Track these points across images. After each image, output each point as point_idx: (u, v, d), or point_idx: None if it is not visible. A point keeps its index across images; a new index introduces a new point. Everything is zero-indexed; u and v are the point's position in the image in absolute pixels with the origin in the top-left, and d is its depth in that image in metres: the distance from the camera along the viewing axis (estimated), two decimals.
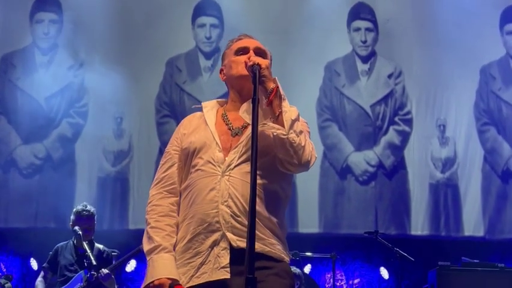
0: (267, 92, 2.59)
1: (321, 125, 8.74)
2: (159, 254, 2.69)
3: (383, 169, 8.67)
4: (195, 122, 2.88)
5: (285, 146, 2.58)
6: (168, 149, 2.88)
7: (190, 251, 2.68)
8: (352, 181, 8.66)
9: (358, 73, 8.91)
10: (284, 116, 2.57)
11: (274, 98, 2.59)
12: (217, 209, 2.63)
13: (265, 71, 2.60)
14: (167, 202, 2.78)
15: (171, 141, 2.90)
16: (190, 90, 8.84)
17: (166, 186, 2.80)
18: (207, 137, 2.76)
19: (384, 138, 8.75)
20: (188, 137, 2.81)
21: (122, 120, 8.79)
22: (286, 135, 2.56)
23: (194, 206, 2.69)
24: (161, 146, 8.67)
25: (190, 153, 2.76)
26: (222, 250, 2.61)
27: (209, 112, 2.87)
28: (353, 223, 8.49)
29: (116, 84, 8.45)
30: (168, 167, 2.83)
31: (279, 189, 2.74)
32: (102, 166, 8.67)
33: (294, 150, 2.58)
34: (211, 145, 2.73)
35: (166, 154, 2.88)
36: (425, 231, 8.52)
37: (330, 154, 8.65)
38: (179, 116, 8.74)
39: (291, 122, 2.56)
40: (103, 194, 8.51)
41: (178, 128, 2.92)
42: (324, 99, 8.82)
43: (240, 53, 2.87)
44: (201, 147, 2.74)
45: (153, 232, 2.74)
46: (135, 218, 8.48)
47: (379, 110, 8.79)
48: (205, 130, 2.79)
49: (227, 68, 2.90)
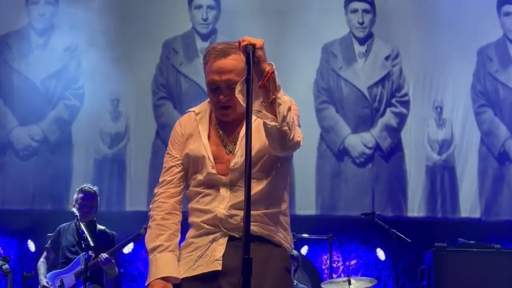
0: (262, 74, 2.53)
1: (318, 107, 8.72)
2: (162, 253, 2.76)
3: (380, 151, 8.68)
4: (190, 125, 2.88)
5: (276, 136, 2.59)
6: (172, 152, 2.89)
7: (191, 246, 2.78)
8: (349, 163, 8.67)
9: (355, 55, 8.88)
10: (278, 108, 2.54)
11: (268, 81, 2.53)
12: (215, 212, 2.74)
13: (259, 51, 2.51)
14: (173, 201, 2.83)
15: (173, 143, 2.90)
16: (186, 72, 8.81)
17: (173, 188, 2.84)
18: (200, 151, 2.79)
19: (381, 120, 8.74)
20: (186, 143, 2.85)
21: (119, 102, 8.76)
22: (280, 127, 2.55)
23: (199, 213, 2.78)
24: (158, 128, 8.69)
25: (190, 161, 2.81)
26: (219, 246, 2.71)
27: (202, 119, 2.87)
28: (350, 205, 8.51)
29: (112, 66, 8.42)
30: (175, 172, 2.85)
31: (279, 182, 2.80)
32: (99, 148, 8.66)
33: (284, 141, 2.60)
34: (204, 159, 2.77)
35: (171, 158, 2.88)
36: (421, 213, 8.54)
37: (327, 136, 8.65)
38: (175, 98, 8.78)
39: (284, 116, 2.55)
40: (99, 175, 8.50)
41: (176, 130, 2.92)
42: (321, 81, 8.80)
43: (212, 87, 2.78)
44: (195, 159, 2.79)
45: (159, 230, 2.79)
46: (132, 199, 8.49)
47: (376, 92, 8.77)
48: (198, 142, 2.81)
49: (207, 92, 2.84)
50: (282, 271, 2.73)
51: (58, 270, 5.99)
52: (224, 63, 2.73)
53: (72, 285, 5.89)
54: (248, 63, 2.47)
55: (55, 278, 5.96)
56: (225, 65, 2.73)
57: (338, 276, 8.08)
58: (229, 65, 2.73)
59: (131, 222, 6.54)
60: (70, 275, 5.91)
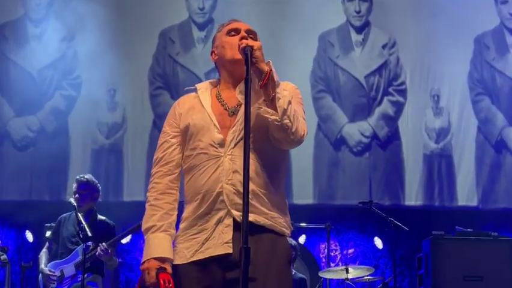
0: (261, 74, 2.63)
1: (315, 96, 8.72)
2: (155, 233, 2.79)
3: (377, 140, 8.69)
4: (189, 102, 2.93)
5: (278, 130, 2.66)
6: (165, 129, 2.94)
7: (195, 228, 2.77)
8: (346, 152, 8.68)
9: (352, 44, 8.88)
10: (278, 103, 2.63)
11: (267, 80, 2.62)
12: (222, 188, 2.71)
13: (257, 52, 2.63)
14: (167, 180, 2.85)
15: (167, 120, 2.95)
16: (183, 61, 8.81)
17: (165, 165, 2.86)
18: (204, 119, 2.82)
19: (379, 109, 8.74)
20: (185, 118, 2.88)
21: (116, 92, 8.75)
22: (280, 121, 2.63)
23: (199, 187, 2.76)
24: (155, 118, 8.69)
25: (189, 134, 2.83)
26: (225, 227, 2.70)
27: (204, 94, 2.92)
28: (347, 194, 8.52)
29: (108, 56, 8.41)
30: (167, 147, 2.89)
31: (276, 163, 2.83)
32: (96, 138, 8.66)
33: (287, 134, 2.67)
34: (210, 127, 2.80)
35: (163, 134, 2.94)
36: (419, 201, 8.56)
37: (325, 125, 8.65)
38: (172, 88, 8.76)
39: (284, 109, 2.63)
40: (97, 166, 8.50)
41: (173, 108, 2.97)
42: (318, 70, 8.80)
43: (231, 33, 2.90)
44: (199, 129, 2.81)
45: (152, 210, 2.83)
46: (130, 189, 8.50)
47: (373, 81, 8.78)
48: (202, 112, 2.85)
49: (219, 48, 2.93)
50: (285, 263, 2.76)
51: (58, 260, 5.97)
52: (244, 24, 2.94)
53: (72, 275, 5.88)
54: (247, 63, 2.58)
55: (55, 268, 5.95)
56: (245, 24, 2.94)
57: (336, 265, 8.08)
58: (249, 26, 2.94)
59: (129, 213, 6.54)
60: (70, 265, 5.90)
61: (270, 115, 2.64)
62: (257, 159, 2.74)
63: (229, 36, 2.90)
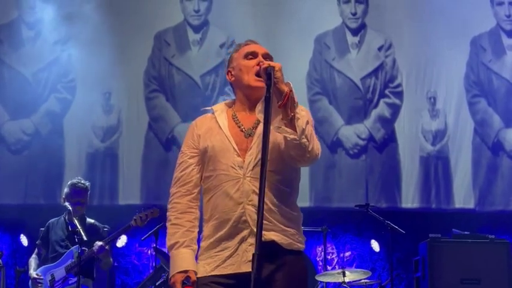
0: (281, 95, 2.74)
1: (311, 98, 8.72)
2: (178, 249, 2.92)
3: (374, 142, 8.68)
4: (207, 123, 3.07)
5: (296, 149, 2.80)
6: (183, 149, 3.08)
7: (218, 247, 2.90)
8: (342, 155, 8.67)
9: (348, 46, 8.87)
10: (297, 122, 2.76)
11: (287, 101, 2.74)
12: (244, 208, 2.86)
13: (278, 73, 2.75)
14: (186, 200, 3.00)
15: (186, 141, 3.08)
16: (178, 64, 8.79)
17: (184, 185, 3.01)
18: (223, 141, 2.96)
19: (375, 111, 8.74)
20: (203, 139, 3.02)
21: (111, 95, 8.74)
22: (299, 140, 2.76)
23: (220, 208, 2.90)
24: (151, 121, 8.68)
25: (208, 156, 2.97)
26: (249, 246, 2.83)
27: (220, 116, 3.05)
28: (344, 196, 8.51)
29: (103, 59, 8.40)
30: (185, 167, 3.03)
31: (291, 180, 2.99)
32: (91, 142, 8.64)
33: (303, 152, 2.80)
34: (229, 149, 2.94)
35: (182, 154, 3.07)
36: (415, 204, 8.55)
37: (321, 128, 8.62)
38: (168, 91, 8.75)
39: (303, 129, 2.76)
40: (92, 169, 8.49)
41: (191, 129, 3.10)
42: (314, 73, 8.79)
43: (249, 57, 3.05)
44: (218, 151, 2.95)
45: (173, 228, 2.97)
46: (125, 193, 8.49)
47: (369, 83, 8.77)
48: (220, 134, 2.99)
49: (236, 70, 3.07)
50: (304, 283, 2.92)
51: (49, 264, 5.98)
52: (262, 47, 3.12)
53: (62, 278, 5.88)
54: (268, 82, 2.72)
55: (46, 273, 5.95)
56: (263, 47, 3.11)
57: (333, 268, 8.11)
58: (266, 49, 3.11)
59: (124, 216, 6.52)
60: (61, 268, 5.90)
61: (289, 134, 2.76)
62: (273, 178, 2.87)
63: (247, 59, 3.04)
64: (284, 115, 2.78)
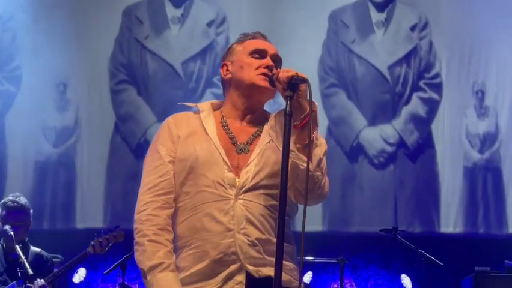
0: (301, 114, 2.81)
1: (325, 92, 8.73)
2: (164, 272, 2.89)
3: (405, 148, 8.68)
4: (188, 123, 3.08)
5: (307, 181, 2.78)
6: (159, 149, 3.05)
7: (197, 283, 2.91)
8: (365, 164, 8.68)
9: (372, 25, 8.88)
10: (315, 150, 2.84)
11: (307, 122, 2.81)
12: (234, 238, 2.88)
13: (303, 86, 2.80)
14: (165, 214, 2.99)
15: (162, 140, 3.07)
16: (154, 47, 8.81)
17: (163, 195, 3.00)
18: (211, 152, 2.97)
19: (406, 109, 8.74)
20: (185, 144, 3.02)
21: (66, 87, 8.77)
22: (313, 172, 2.83)
23: (202, 234, 2.91)
24: (118, 121, 8.73)
25: (189, 166, 2.97)
26: (237, 284, 2.87)
27: (207, 118, 3.08)
28: (366, 218, 8.54)
29: (57, 41, 8.44)
30: (164, 172, 3.02)
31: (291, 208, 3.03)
32: (40, 147, 8.68)
33: (313, 187, 2.85)
34: (217, 162, 2.96)
35: (157, 155, 3.05)
36: (458, 228, 8.54)
37: (337, 130, 8.65)
38: (140, 82, 8.79)
39: (319, 160, 2.85)
40: (41, 182, 8.54)
41: (167, 126, 3.10)
42: (328, 59, 8.80)
43: (255, 55, 3.08)
44: (203, 162, 2.96)
45: (154, 246, 2.92)
46: (84, 214, 8.52)
47: (399, 72, 8.77)
48: (207, 142, 3.00)
49: (236, 67, 3.09)
50: None
51: None
52: (271, 45, 3.15)
53: None
54: (290, 95, 2.78)
55: None
56: (272, 45, 3.15)
57: None
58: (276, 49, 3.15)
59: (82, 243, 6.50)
60: None
61: (302, 162, 2.80)
62: (270, 206, 2.93)
63: (252, 57, 3.07)
64: (299, 139, 2.82)
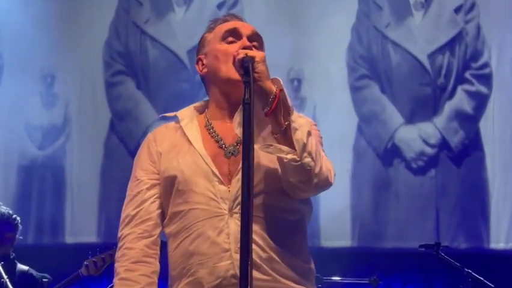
0: (268, 97, 2.78)
1: (355, 84, 8.69)
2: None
3: (448, 150, 8.67)
4: (169, 137, 3.11)
5: (297, 173, 2.81)
6: (138, 175, 3.10)
7: None
8: (401, 169, 8.67)
9: (409, 6, 8.88)
10: (295, 135, 2.77)
11: (277, 105, 2.78)
12: (231, 259, 2.86)
13: (260, 65, 2.77)
14: (142, 244, 3.01)
15: (140, 162, 3.12)
16: (155, 33, 8.86)
17: (140, 224, 3.03)
18: (197, 163, 2.98)
19: (450, 104, 8.73)
20: (167, 160, 3.04)
21: (54, 79, 8.85)
22: (300, 160, 2.77)
23: (196, 258, 2.91)
24: (113, 119, 8.78)
25: (175, 184, 2.99)
26: None
27: (189, 125, 3.09)
28: (403, 232, 8.53)
29: (44, 27, 8.51)
30: (141, 200, 3.05)
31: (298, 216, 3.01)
32: (25, 148, 8.75)
33: (308, 177, 2.82)
34: (206, 174, 2.96)
35: (136, 182, 3.10)
36: (511, 244, 8.52)
37: (369, 128, 8.67)
38: (139, 72, 8.84)
39: (304, 144, 2.77)
40: (26, 190, 8.61)
41: (147, 145, 3.13)
42: (358, 46, 8.81)
43: (229, 39, 3.08)
44: (190, 176, 2.96)
45: (122, 286, 2.96)
46: (74, 226, 8.58)
47: (441, 62, 8.77)
48: (191, 152, 3.01)
49: (210, 58, 3.11)
50: None
51: None
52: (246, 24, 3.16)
53: None
54: (247, 81, 2.69)
55: None
56: (248, 24, 3.16)
57: None
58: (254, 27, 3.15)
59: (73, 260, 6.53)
60: None
61: (285, 154, 2.77)
62: (271, 214, 2.92)
63: (226, 42, 3.07)
64: (275, 126, 2.80)
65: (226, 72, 3.00)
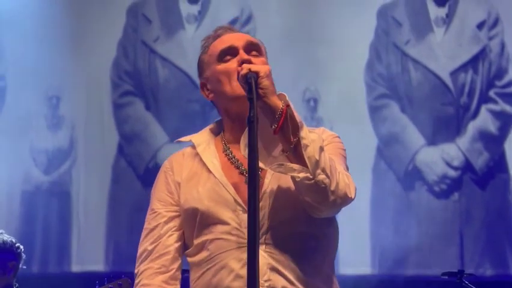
0: (274, 114, 2.75)
1: (373, 104, 8.71)
2: None
3: (472, 173, 8.67)
4: (187, 164, 3.11)
5: (312, 191, 2.79)
6: (155, 207, 3.11)
7: None
8: (423, 192, 8.66)
9: (430, 21, 8.89)
10: (305, 152, 2.73)
11: (284, 121, 2.74)
12: None
13: (265, 80, 2.74)
14: (160, 280, 3.02)
15: (158, 193, 3.12)
16: (165, 52, 8.87)
17: (158, 259, 3.04)
18: (220, 193, 2.97)
19: (474, 124, 8.73)
20: (187, 190, 3.04)
21: (60, 100, 8.87)
22: (314, 178, 2.75)
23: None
24: (122, 141, 8.77)
25: (196, 214, 2.99)
26: None
27: (206, 151, 3.09)
28: (425, 259, 8.51)
29: (49, 46, 8.53)
30: (159, 235, 3.07)
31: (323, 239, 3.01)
32: (29, 173, 8.75)
33: (324, 195, 2.79)
34: (229, 203, 2.95)
35: (153, 215, 3.11)
36: None
37: (388, 150, 8.67)
38: (148, 93, 8.84)
39: (316, 161, 2.74)
40: (30, 217, 8.59)
41: (164, 174, 3.14)
42: (377, 64, 8.81)
43: (226, 58, 3.05)
44: (212, 206, 2.96)
45: None
46: (81, 254, 8.59)
47: (464, 80, 8.77)
48: (211, 181, 3.00)
49: (213, 83, 3.09)
50: None
51: None
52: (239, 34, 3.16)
53: None
54: (251, 98, 2.65)
55: None
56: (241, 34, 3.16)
57: None
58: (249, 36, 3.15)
59: None
60: None
61: (297, 172, 2.75)
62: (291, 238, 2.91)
63: (224, 62, 3.04)
64: (284, 144, 2.77)
65: (231, 91, 2.99)
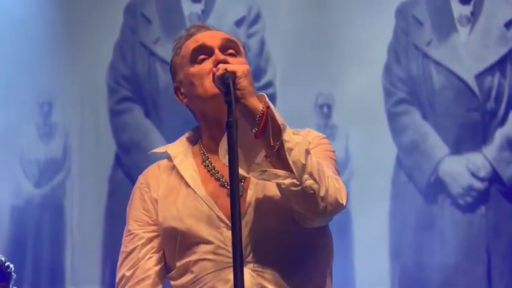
0: (254, 116, 2.73)
1: (392, 110, 8.60)
2: None
3: (500, 184, 8.50)
4: (164, 178, 3.08)
5: (300, 198, 2.76)
6: (132, 228, 3.08)
7: None
8: (446, 206, 8.49)
9: (454, 20, 8.76)
10: (290, 156, 2.70)
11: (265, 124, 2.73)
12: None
13: (243, 81, 2.73)
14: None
15: (133, 213, 3.09)
16: (166, 54, 8.44)
17: (137, 285, 3.02)
18: (199, 209, 2.95)
19: (501, 132, 8.57)
20: (164, 207, 3.01)
21: (52, 107, 8.87)
22: (301, 184, 2.71)
23: None
24: (119, 151, 8.74)
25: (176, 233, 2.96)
26: None
27: (184, 163, 3.06)
28: (450, 277, 8.36)
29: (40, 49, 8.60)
30: (137, 259, 3.04)
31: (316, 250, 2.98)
32: (19, 186, 8.78)
33: (314, 201, 2.75)
34: (210, 220, 2.93)
35: (130, 237, 3.08)
36: None
37: (409, 160, 8.55)
38: (148, 100, 8.85)
39: (302, 165, 2.71)
40: (20, 232, 8.60)
41: (139, 191, 3.10)
42: (396, 67, 8.69)
43: (199, 58, 3.03)
44: (193, 224, 2.94)
45: None
46: (75, 274, 8.59)
47: (491, 83, 8.61)
48: (191, 196, 2.98)
49: (186, 86, 3.06)
50: None
51: None
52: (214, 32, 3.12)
53: None
54: (228, 100, 2.66)
55: None
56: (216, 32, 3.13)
57: None
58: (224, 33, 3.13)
59: None
60: None
61: (283, 179, 2.72)
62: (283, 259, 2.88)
63: (197, 63, 3.02)
64: (266, 148, 2.74)
65: (204, 92, 2.96)
